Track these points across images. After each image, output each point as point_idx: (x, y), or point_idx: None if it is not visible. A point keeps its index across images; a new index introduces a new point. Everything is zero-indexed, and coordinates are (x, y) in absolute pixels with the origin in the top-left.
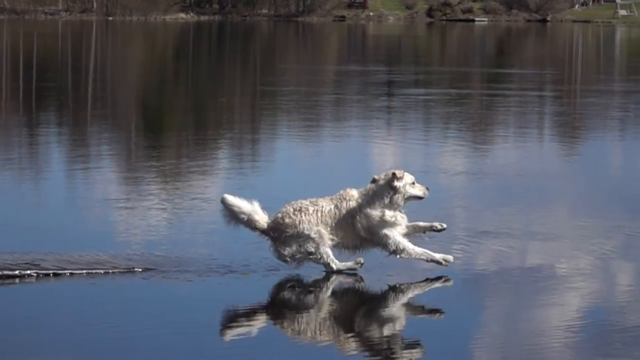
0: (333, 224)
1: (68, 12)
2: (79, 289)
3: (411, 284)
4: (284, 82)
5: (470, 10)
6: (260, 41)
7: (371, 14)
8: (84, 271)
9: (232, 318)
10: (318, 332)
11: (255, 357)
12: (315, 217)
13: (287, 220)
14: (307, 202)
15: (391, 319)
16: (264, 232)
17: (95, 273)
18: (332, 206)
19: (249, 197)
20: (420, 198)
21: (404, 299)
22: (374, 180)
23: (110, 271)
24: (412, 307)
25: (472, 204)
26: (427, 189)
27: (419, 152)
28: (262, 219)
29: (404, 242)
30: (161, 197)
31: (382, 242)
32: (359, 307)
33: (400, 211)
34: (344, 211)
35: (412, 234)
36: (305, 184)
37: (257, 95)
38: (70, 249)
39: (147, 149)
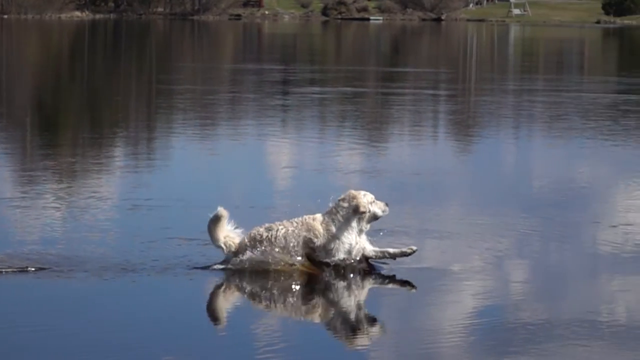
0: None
1: None
2: None
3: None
4: (180, 81)
5: (365, 9)
6: (155, 40)
7: (267, 12)
8: None
9: (126, 315)
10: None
11: (152, 351)
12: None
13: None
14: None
15: (269, 320)
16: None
17: None
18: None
19: (145, 196)
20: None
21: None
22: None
23: (4, 271)
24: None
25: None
26: (387, 204)
27: (314, 150)
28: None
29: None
30: (56, 195)
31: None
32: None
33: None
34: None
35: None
36: (201, 183)
37: (152, 93)
38: None
39: (42, 147)
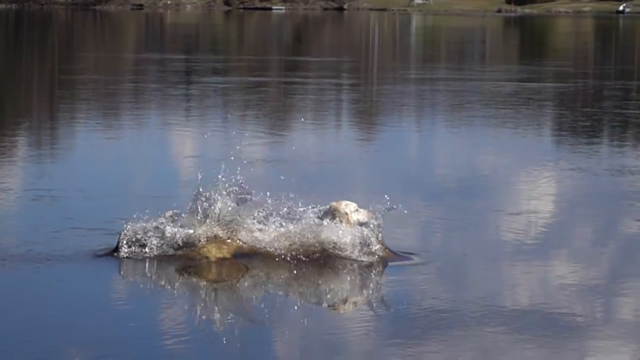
0: None
1: None
2: None
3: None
4: (83, 71)
5: None
6: (58, 30)
7: (169, 2)
8: None
9: (31, 305)
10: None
11: (54, 343)
12: None
13: None
14: None
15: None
16: None
17: None
18: None
19: (48, 186)
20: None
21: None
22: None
23: None
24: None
25: (270, 191)
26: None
27: (217, 139)
28: None
29: None
30: None
31: None
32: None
33: None
34: None
35: None
36: (104, 173)
37: (55, 83)
38: None
39: None
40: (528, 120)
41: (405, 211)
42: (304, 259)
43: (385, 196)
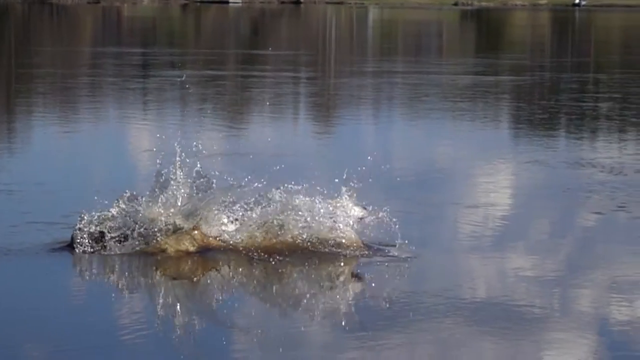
0: None
1: None
2: None
3: None
4: (40, 65)
5: None
6: (14, 23)
7: None
8: None
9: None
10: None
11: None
12: None
13: None
14: None
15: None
16: None
17: None
18: None
19: (5, 180)
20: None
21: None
22: None
23: None
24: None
25: (226, 183)
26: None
27: (175, 133)
28: None
29: None
30: None
31: None
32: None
33: None
34: None
35: None
36: (61, 167)
37: (12, 77)
38: None
39: None
40: (485, 113)
41: (364, 203)
42: (268, 252)
43: (343, 188)
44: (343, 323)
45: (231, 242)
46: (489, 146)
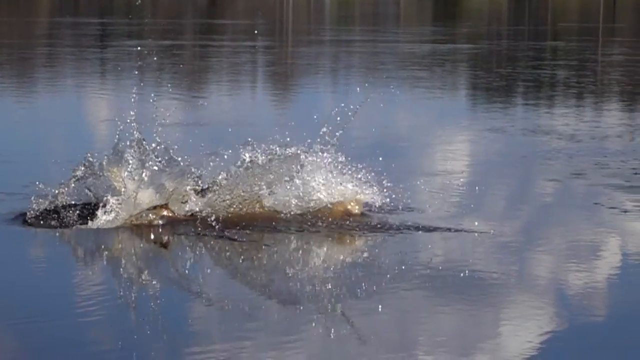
0: None
1: None
2: None
3: None
4: None
5: None
6: None
7: None
8: None
9: None
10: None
11: None
12: None
13: None
14: None
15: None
16: None
17: None
18: None
19: None
20: None
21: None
22: None
23: None
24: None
25: (189, 154)
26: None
27: (133, 103)
28: None
29: None
30: None
31: None
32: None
33: None
34: None
35: None
36: (18, 138)
37: None
38: None
39: None
40: (442, 82)
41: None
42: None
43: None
44: (297, 294)
45: (202, 213)
46: (446, 114)
